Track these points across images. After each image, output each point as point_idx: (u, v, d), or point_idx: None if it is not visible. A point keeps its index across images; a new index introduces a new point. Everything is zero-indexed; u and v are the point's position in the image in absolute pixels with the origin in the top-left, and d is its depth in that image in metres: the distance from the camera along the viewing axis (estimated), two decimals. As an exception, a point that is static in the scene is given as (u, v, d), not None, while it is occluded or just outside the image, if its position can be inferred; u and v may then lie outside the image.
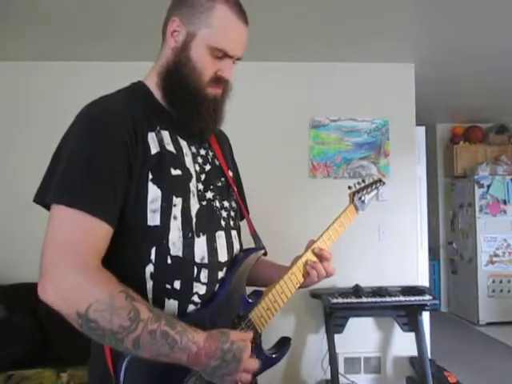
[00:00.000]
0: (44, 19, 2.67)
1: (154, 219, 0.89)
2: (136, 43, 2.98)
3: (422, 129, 4.02)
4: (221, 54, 0.95)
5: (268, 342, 1.05)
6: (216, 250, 0.97)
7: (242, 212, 1.14)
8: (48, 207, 0.86)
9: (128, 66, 2.58)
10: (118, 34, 2.91)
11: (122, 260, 0.89)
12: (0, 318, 2.70)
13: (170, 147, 0.95)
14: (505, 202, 5.25)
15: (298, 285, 1.07)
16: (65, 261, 0.79)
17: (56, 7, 2.51)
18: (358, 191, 1.22)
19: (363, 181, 1.25)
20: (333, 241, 1.13)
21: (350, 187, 1.22)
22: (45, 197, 0.86)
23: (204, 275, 0.94)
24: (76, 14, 2.62)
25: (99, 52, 3.17)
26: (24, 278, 2.75)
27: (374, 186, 1.27)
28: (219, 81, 0.97)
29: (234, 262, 1.01)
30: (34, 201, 0.89)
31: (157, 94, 0.99)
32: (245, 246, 1.09)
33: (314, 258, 1.08)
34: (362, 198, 1.22)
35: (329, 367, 3.06)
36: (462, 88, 4.15)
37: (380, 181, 1.30)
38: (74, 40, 2.98)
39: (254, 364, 0.89)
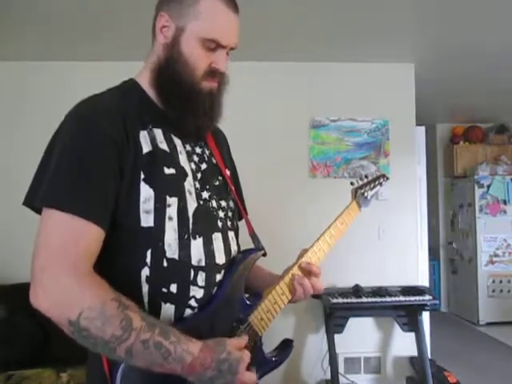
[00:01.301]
0: (44, 19, 2.67)
1: (147, 220, 0.87)
2: (136, 43, 2.96)
3: (422, 129, 4.02)
4: (213, 45, 0.93)
5: (268, 343, 1.04)
6: (213, 252, 0.94)
7: (240, 212, 1.11)
8: (38, 211, 0.84)
9: (128, 66, 2.57)
10: (118, 34, 2.91)
11: (117, 263, 0.87)
12: (0, 317, 2.70)
13: (163, 145, 0.92)
14: (505, 202, 5.25)
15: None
16: (55, 265, 0.77)
17: (56, 7, 2.51)
18: (360, 187, 1.19)
19: (366, 176, 1.22)
20: (335, 238, 1.10)
21: (352, 183, 1.19)
22: (34, 200, 0.84)
23: (201, 278, 0.91)
24: (76, 14, 2.62)
25: (99, 52, 3.17)
26: (24, 278, 2.74)
27: (377, 182, 1.24)
28: (214, 74, 0.95)
29: (231, 263, 0.98)
30: (24, 204, 0.86)
31: (149, 91, 0.97)
32: (244, 247, 1.07)
33: (301, 274, 1.03)
34: (365, 194, 1.19)
35: (329, 367, 3.06)
36: (462, 88, 4.15)
37: (383, 176, 1.28)
38: (74, 40, 2.98)
39: (252, 378, 0.87)
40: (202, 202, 0.95)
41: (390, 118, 3.44)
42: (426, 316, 3.58)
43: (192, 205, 0.93)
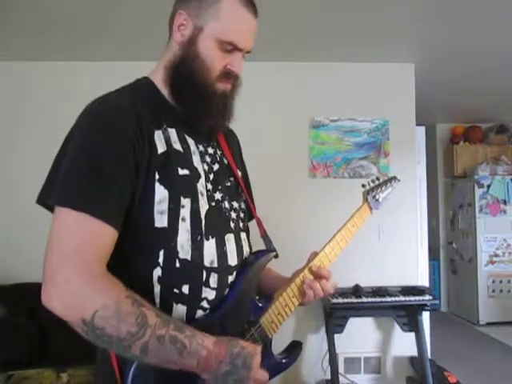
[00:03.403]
0: (44, 19, 2.67)
1: (161, 221, 0.86)
2: (136, 43, 2.98)
3: (422, 129, 4.02)
4: (230, 48, 0.92)
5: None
6: (226, 253, 0.94)
7: (251, 213, 1.10)
8: (51, 209, 0.83)
9: (128, 65, 2.58)
10: (118, 34, 2.90)
11: (129, 263, 0.87)
12: (0, 317, 2.70)
13: (177, 146, 0.92)
14: (505, 202, 5.25)
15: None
16: (69, 266, 0.77)
17: (56, 7, 2.51)
18: (372, 189, 1.19)
19: (377, 179, 1.22)
20: (346, 241, 1.10)
21: (363, 185, 1.18)
22: (47, 198, 0.83)
23: (213, 280, 0.91)
24: (76, 14, 2.62)
25: (99, 52, 3.16)
26: (24, 278, 2.75)
27: (388, 184, 1.24)
28: (229, 75, 0.95)
29: (243, 265, 0.98)
30: (37, 202, 0.86)
31: (163, 90, 0.96)
32: (255, 248, 1.06)
33: (311, 276, 1.03)
34: (377, 197, 1.19)
35: (329, 367, 3.06)
36: (462, 88, 4.15)
37: (395, 178, 1.27)
38: (74, 40, 2.98)
39: (265, 376, 0.87)
40: (213, 204, 0.95)
41: (389, 118, 3.44)
42: (426, 316, 3.58)
43: (204, 206, 0.92)
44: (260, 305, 0.98)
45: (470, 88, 4.15)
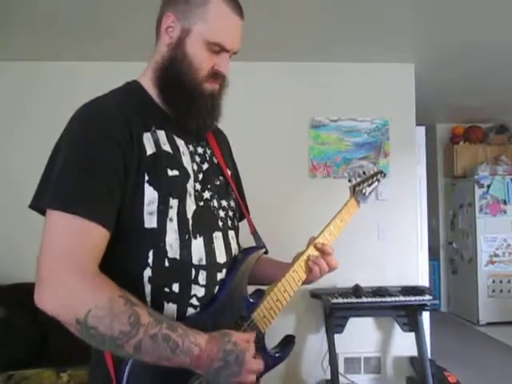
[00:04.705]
0: (44, 19, 2.67)
1: (150, 222, 0.87)
2: (136, 43, 2.97)
3: (422, 129, 4.03)
4: (217, 49, 0.94)
5: (268, 342, 1.04)
6: (214, 251, 0.95)
7: (241, 211, 1.12)
8: (44, 213, 0.84)
9: (128, 66, 2.57)
10: (118, 34, 2.91)
11: (120, 264, 0.88)
12: (0, 318, 2.70)
13: (167, 147, 0.93)
14: (505, 202, 5.26)
15: (301, 282, 1.05)
16: (62, 268, 0.78)
17: (56, 7, 2.51)
18: (358, 184, 1.20)
19: (364, 173, 1.23)
20: (335, 236, 1.11)
21: (350, 180, 1.20)
22: (40, 202, 0.84)
23: (202, 277, 0.92)
24: (76, 15, 2.62)
25: (99, 52, 3.17)
26: (24, 278, 2.75)
27: (374, 178, 1.25)
28: (216, 76, 0.96)
29: (233, 262, 0.99)
30: (30, 207, 0.87)
31: (152, 92, 0.98)
32: (246, 245, 1.07)
33: (316, 253, 1.06)
34: (363, 191, 1.20)
35: (329, 367, 3.06)
36: (462, 88, 4.15)
37: (381, 172, 1.28)
38: (74, 40, 2.98)
39: (258, 364, 0.88)
40: (201, 203, 0.96)
41: (389, 118, 3.44)
42: (426, 316, 3.58)
43: (191, 207, 0.93)
44: (251, 300, 0.99)
45: (470, 88, 4.15)
